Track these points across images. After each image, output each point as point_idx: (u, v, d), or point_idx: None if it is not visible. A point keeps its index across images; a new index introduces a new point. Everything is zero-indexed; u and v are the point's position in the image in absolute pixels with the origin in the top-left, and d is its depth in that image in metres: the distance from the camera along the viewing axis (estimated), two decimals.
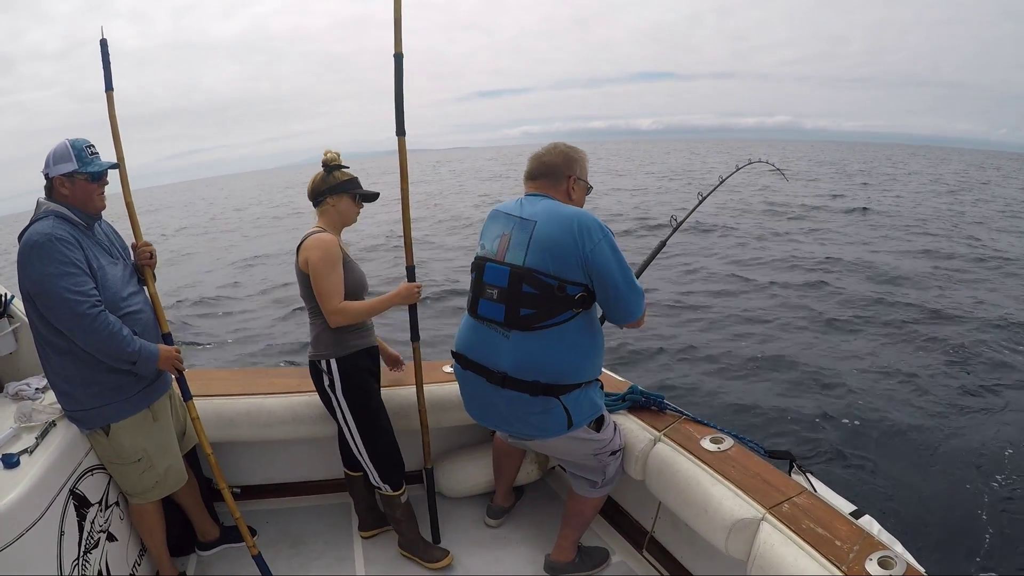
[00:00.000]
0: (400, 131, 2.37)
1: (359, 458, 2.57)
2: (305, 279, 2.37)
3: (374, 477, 2.59)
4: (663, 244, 3.06)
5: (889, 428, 5.45)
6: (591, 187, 2.37)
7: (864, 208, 19.24)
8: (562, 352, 2.14)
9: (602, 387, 2.45)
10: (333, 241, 2.37)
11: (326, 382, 2.47)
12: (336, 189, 2.44)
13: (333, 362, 2.44)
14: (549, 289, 2.08)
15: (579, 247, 2.06)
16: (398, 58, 2.27)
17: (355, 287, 2.43)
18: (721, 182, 3.26)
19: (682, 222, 3.09)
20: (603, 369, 2.66)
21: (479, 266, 2.25)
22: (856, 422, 5.54)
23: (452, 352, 2.38)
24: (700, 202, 3.19)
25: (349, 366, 2.46)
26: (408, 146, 2.39)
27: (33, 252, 1.93)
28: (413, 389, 2.64)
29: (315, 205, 2.48)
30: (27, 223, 2.04)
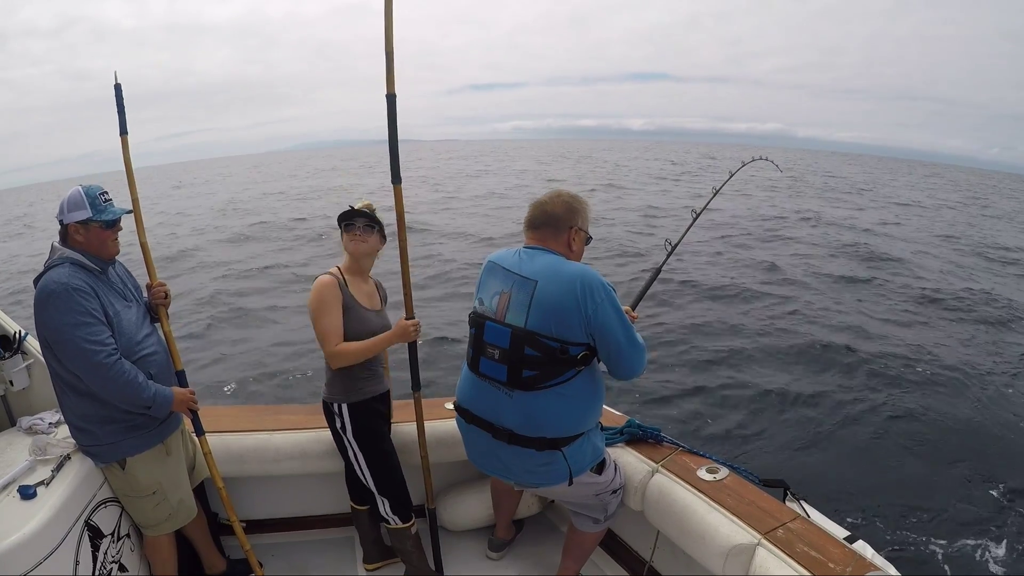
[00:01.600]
0: (396, 179, 2.28)
1: (373, 493, 2.60)
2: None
3: (385, 510, 2.62)
4: (659, 271, 3.02)
5: (886, 454, 5.52)
6: (591, 237, 2.32)
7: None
8: (567, 409, 2.16)
9: (601, 427, 2.47)
10: (327, 284, 2.38)
11: (338, 424, 2.51)
12: (340, 222, 2.47)
13: (345, 407, 2.49)
14: (552, 352, 2.07)
15: (582, 309, 2.04)
16: (390, 99, 2.16)
17: (356, 335, 2.41)
18: (714, 196, 3.20)
19: (676, 245, 3.05)
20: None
21: (479, 323, 2.22)
22: (850, 448, 5.60)
23: (455, 405, 2.40)
24: (693, 221, 3.13)
25: (360, 412, 2.51)
26: (397, 136, 2.22)
27: (50, 301, 1.98)
28: (415, 427, 2.68)
29: None
30: (42, 269, 2.09)
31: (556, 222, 2.22)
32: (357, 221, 2.44)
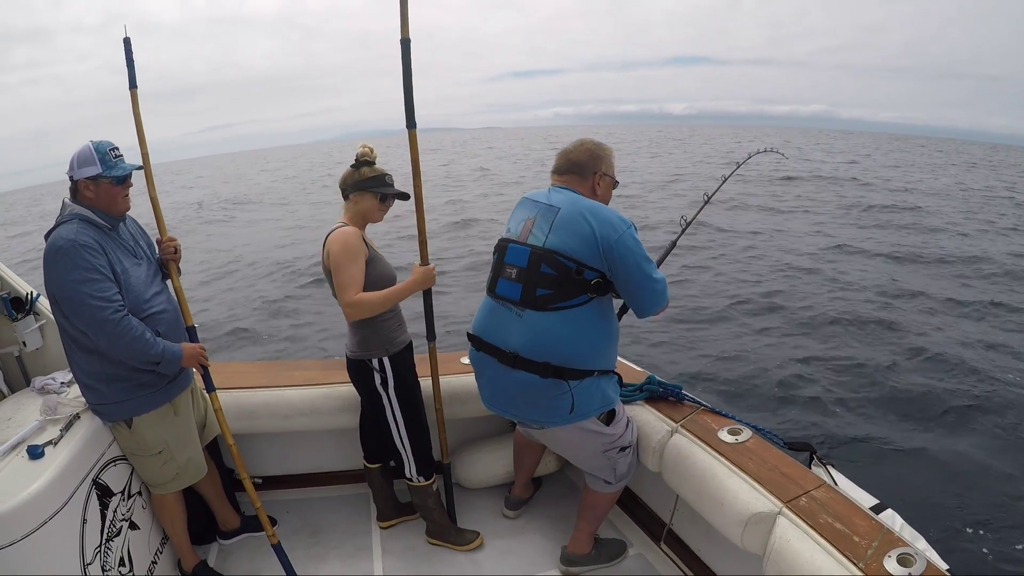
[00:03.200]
0: (410, 123, 2.31)
1: (401, 451, 2.59)
2: (330, 275, 2.36)
3: (410, 469, 2.62)
4: (673, 245, 2.98)
5: (919, 416, 5.34)
6: (617, 182, 2.37)
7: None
8: (574, 335, 2.14)
9: (620, 381, 2.43)
10: (354, 233, 2.35)
11: (378, 380, 2.47)
12: (359, 186, 2.41)
13: (386, 360, 2.45)
14: (567, 271, 2.09)
15: (600, 236, 2.08)
16: (405, 43, 2.21)
17: (380, 279, 2.39)
18: (724, 181, 3.17)
19: (691, 221, 3.00)
20: (621, 359, 2.63)
21: (501, 247, 2.28)
22: (881, 411, 5.43)
23: (468, 335, 2.39)
24: (707, 201, 3.09)
25: (400, 362, 2.48)
26: (437, 124, 2.34)
27: (57, 257, 1.96)
28: (429, 381, 2.65)
29: (344, 199, 2.47)
30: (52, 224, 2.07)
31: (580, 168, 2.30)
32: (391, 195, 2.45)
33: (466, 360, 2.88)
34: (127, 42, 2.24)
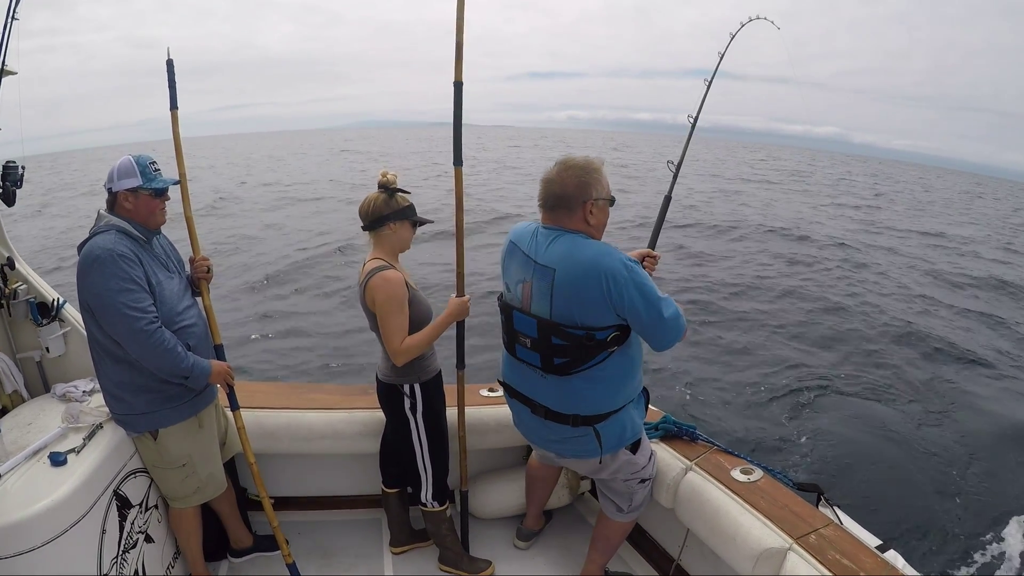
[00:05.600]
0: (458, 161, 2.29)
1: (422, 475, 2.59)
2: (373, 316, 2.36)
3: (427, 495, 2.62)
4: (669, 199, 2.82)
5: (919, 463, 5.38)
6: (614, 199, 2.16)
7: None
8: (599, 390, 2.15)
9: (647, 396, 2.40)
10: (399, 282, 2.30)
11: (407, 405, 2.47)
12: (400, 215, 2.36)
13: (417, 387, 2.46)
14: (578, 340, 2.04)
15: (605, 295, 1.98)
16: (458, 87, 2.20)
17: (422, 318, 2.39)
18: (703, 104, 2.91)
19: (680, 165, 2.84)
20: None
21: (507, 312, 2.21)
22: (886, 457, 5.46)
23: (500, 381, 2.43)
24: (690, 135, 2.91)
25: (430, 390, 2.49)
26: (447, 119, 2.27)
27: (95, 266, 1.98)
28: (454, 411, 2.66)
29: (371, 229, 2.39)
30: (87, 235, 2.09)
31: (568, 202, 2.09)
32: (423, 222, 2.47)
33: (486, 392, 2.89)
34: (170, 64, 2.27)
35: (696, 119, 2.88)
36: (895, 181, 53.04)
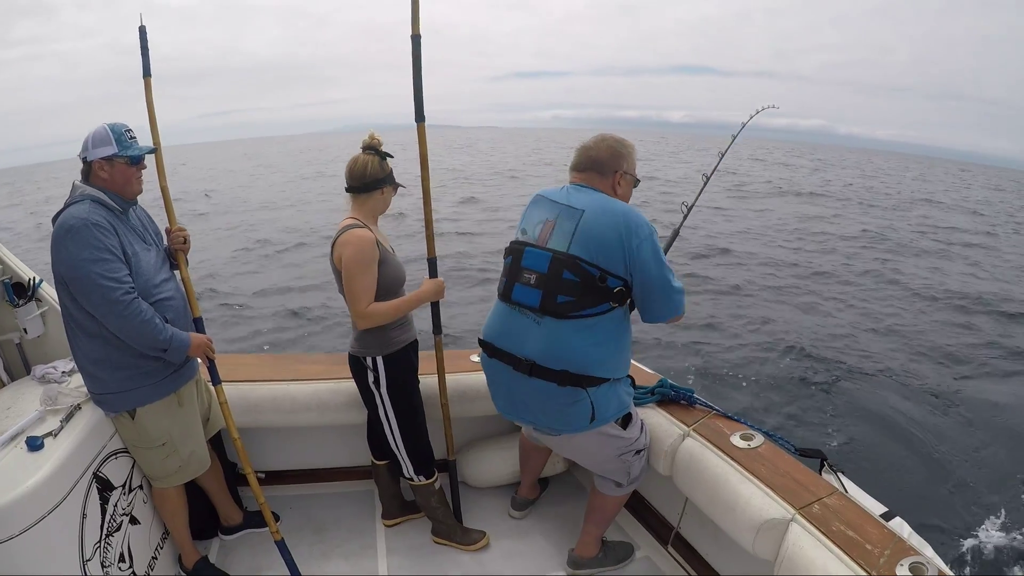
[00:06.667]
0: (419, 117, 2.28)
1: (395, 451, 2.55)
2: (340, 275, 2.30)
3: (408, 470, 2.59)
4: (676, 234, 2.90)
5: (924, 427, 5.32)
6: (638, 180, 2.28)
7: None
8: (593, 344, 2.08)
9: (633, 383, 2.39)
10: (370, 240, 2.26)
11: (370, 378, 2.42)
12: (391, 179, 2.35)
13: (380, 360, 2.39)
14: (591, 278, 2.03)
15: (625, 244, 2.02)
16: (415, 39, 2.21)
17: (392, 283, 2.34)
18: (721, 158, 3.03)
19: (692, 206, 2.93)
20: (633, 362, 2.59)
21: (517, 251, 2.19)
22: (889, 420, 5.40)
23: (479, 340, 2.33)
24: (705, 183, 2.97)
25: (394, 363, 2.42)
26: (436, 121, 2.27)
27: (68, 236, 1.92)
28: (436, 380, 2.62)
29: (358, 192, 2.34)
30: (62, 206, 2.02)
31: (601, 166, 2.21)
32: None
33: (475, 358, 2.83)
34: (143, 30, 2.22)
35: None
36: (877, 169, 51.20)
